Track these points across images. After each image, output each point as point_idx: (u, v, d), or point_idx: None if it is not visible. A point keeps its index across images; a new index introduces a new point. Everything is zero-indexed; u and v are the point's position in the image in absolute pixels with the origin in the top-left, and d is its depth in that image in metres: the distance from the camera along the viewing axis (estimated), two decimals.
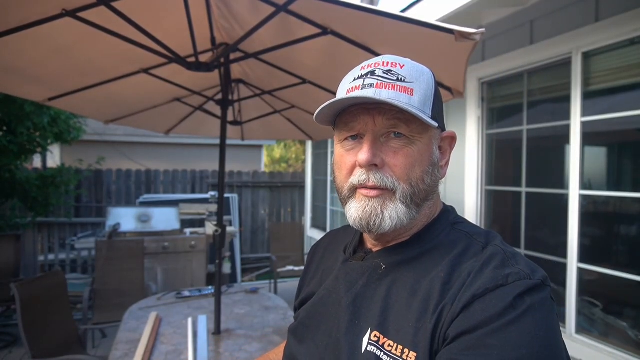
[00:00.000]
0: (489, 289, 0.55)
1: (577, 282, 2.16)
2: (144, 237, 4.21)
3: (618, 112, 2.01)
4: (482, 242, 0.64)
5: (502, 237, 0.67)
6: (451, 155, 0.72)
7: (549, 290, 0.57)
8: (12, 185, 4.48)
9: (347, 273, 0.72)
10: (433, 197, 0.70)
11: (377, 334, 0.61)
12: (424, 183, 0.66)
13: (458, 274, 0.60)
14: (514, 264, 0.59)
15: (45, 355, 2.29)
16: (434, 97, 0.66)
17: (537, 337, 0.51)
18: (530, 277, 0.56)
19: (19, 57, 1.72)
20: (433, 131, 0.67)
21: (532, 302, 0.54)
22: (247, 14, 1.74)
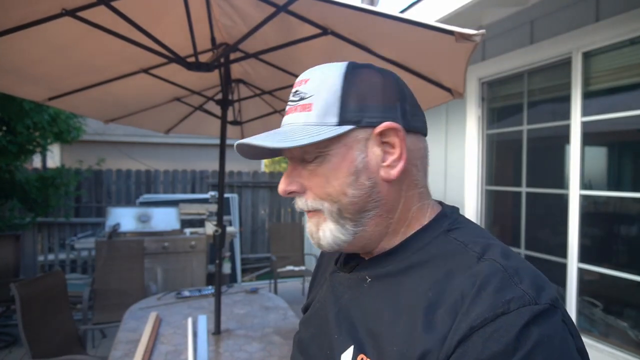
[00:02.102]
0: (488, 318, 0.47)
1: (577, 282, 2.16)
2: (143, 237, 4.21)
3: (618, 112, 2.01)
4: (477, 254, 0.54)
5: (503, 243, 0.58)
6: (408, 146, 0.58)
7: (560, 313, 0.48)
8: (11, 186, 4.48)
9: (334, 285, 0.68)
10: (380, 205, 0.59)
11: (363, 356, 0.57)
12: (346, 196, 0.58)
13: (449, 293, 0.52)
14: (516, 283, 0.49)
15: (45, 355, 2.29)
16: (343, 97, 0.57)
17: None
18: (536, 302, 0.47)
19: (19, 56, 1.72)
20: (352, 135, 0.58)
21: (541, 335, 0.45)
22: (248, 14, 1.74)
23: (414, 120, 0.60)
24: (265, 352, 1.93)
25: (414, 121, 0.60)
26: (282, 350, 1.95)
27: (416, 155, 0.61)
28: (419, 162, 0.62)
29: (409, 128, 0.59)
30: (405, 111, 0.59)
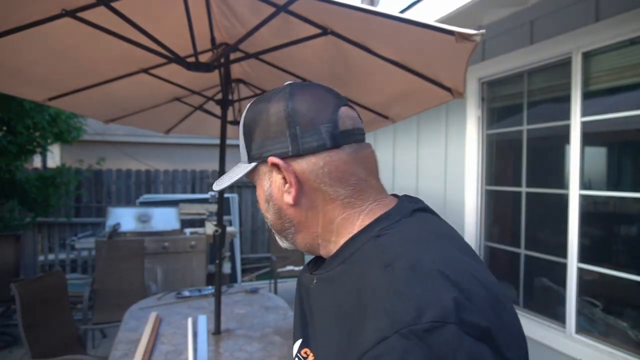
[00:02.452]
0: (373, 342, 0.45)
1: (577, 282, 2.16)
2: (144, 237, 4.22)
3: (618, 112, 2.01)
4: (384, 263, 0.52)
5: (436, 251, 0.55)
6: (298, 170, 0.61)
7: (452, 328, 0.44)
8: (12, 186, 4.48)
9: (300, 283, 0.71)
10: (295, 225, 0.65)
11: (308, 350, 0.60)
12: (267, 219, 0.68)
13: (356, 303, 0.52)
14: (402, 300, 0.46)
15: (45, 355, 2.29)
16: (245, 139, 0.65)
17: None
18: (415, 322, 0.44)
19: (19, 57, 1.72)
20: (259, 169, 0.65)
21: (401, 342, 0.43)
22: (248, 14, 1.74)
23: (306, 141, 0.61)
24: (265, 352, 1.94)
25: (306, 142, 0.61)
26: (282, 350, 1.96)
27: (318, 173, 0.61)
28: (327, 177, 0.62)
29: (300, 152, 0.61)
30: (295, 136, 0.61)
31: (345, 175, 0.63)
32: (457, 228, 2.57)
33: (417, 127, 3.56)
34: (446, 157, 3.18)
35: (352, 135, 0.65)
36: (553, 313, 2.34)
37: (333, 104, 0.63)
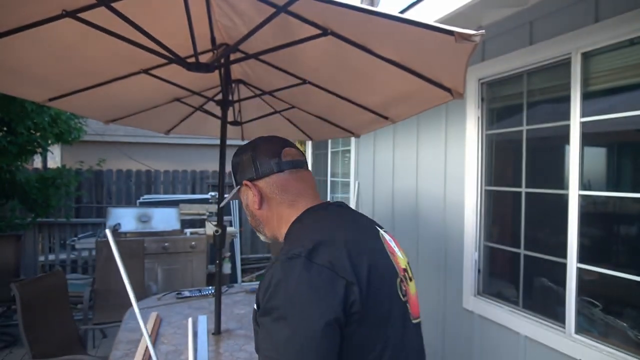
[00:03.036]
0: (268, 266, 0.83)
1: (576, 282, 2.17)
2: (144, 238, 4.22)
3: (618, 113, 2.02)
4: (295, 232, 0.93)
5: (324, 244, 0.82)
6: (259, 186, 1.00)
7: (301, 259, 0.77)
8: (12, 186, 4.49)
9: None
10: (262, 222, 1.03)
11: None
12: (249, 220, 1.07)
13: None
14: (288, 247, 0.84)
15: (45, 355, 2.29)
16: (233, 172, 1.06)
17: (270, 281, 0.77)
18: (285, 255, 0.80)
19: (19, 57, 1.72)
20: (242, 189, 1.04)
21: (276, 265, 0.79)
22: (248, 14, 1.75)
23: (263, 170, 0.99)
24: None
25: (263, 170, 0.99)
26: None
27: (272, 188, 0.99)
28: (277, 189, 0.98)
29: (260, 176, 0.99)
30: (257, 167, 0.99)
31: (287, 187, 0.98)
32: (456, 228, 2.57)
33: (416, 128, 3.56)
34: (446, 157, 3.18)
35: (292, 164, 1.00)
36: (553, 313, 2.34)
37: (280, 147, 1.02)
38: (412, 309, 0.90)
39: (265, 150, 1.01)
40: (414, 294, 0.95)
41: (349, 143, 4.94)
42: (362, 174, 4.59)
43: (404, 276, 0.92)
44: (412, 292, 0.93)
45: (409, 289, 0.91)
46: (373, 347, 0.76)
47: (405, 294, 0.87)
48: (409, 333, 0.86)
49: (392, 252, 0.94)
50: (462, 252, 2.97)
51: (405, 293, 0.88)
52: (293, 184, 0.99)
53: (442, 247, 3.20)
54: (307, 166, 1.05)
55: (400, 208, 3.84)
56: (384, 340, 0.77)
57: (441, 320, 3.20)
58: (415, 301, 0.94)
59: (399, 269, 0.91)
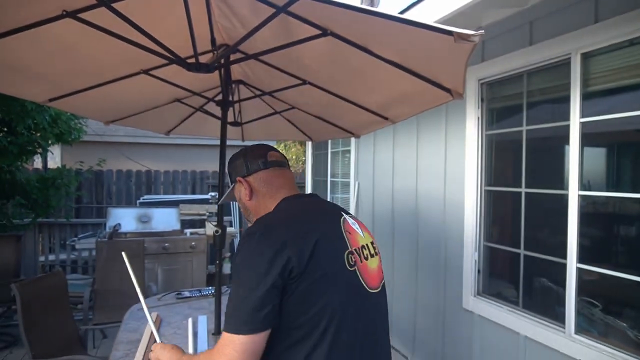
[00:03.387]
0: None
1: (576, 282, 2.17)
2: (144, 238, 4.22)
3: (617, 113, 2.02)
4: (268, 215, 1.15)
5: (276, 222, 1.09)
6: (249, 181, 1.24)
7: (257, 235, 1.01)
8: (12, 186, 4.49)
9: None
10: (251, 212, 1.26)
11: None
12: (242, 211, 1.31)
13: None
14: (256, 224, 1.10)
15: (45, 355, 2.29)
16: (229, 173, 1.31)
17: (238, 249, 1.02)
18: (247, 231, 1.04)
19: (20, 58, 1.72)
20: (236, 186, 1.27)
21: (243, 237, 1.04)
22: (248, 14, 1.75)
23: (252, 167, 1.23)
24: None
25: (252, 168, 1.23)
26: None
27: (259, 183, 1.22)
28: (262, 184, 1.22)
29: (249, 173, 1.23)
30: (248, 165, 1.24)
31: (270, 181, 1.22)
32: (456, 228, 2.58)
33: (416, 128, 3.57)
34: (446, 157, 3.19)
35: (275, 163, 1.25)
36: (552, 313, 2.34)
37: (266, 150, 1.27)
38: (367, 279, 1.09)
39: (254, 152, 1.27)
40: (374, 267, 1.14)
41: (349, 143, 4.94)
42: (362, 174, 4.59)
43: (357, 250, 1.10)
44: (371, 266, 1.13)
45: (364, 262, 1.10)
46: (315, 300, 0.96)
47: (353, 264, 1.05)
48: (360, 298, 1.05)
49: (350, 231, 1.13)
50: (461, 252, 2.97)
51: (354, 263, 1.06)
52: (275, 179, 1.23)
53: (442, 247, 3.20)
54: (288, 166, 1.30)
55: (400, 208, 3.84)
56: (325, 297, 0.97)
57: (441, 320, 3.20)
58: (373, 273, 1.12)
59: (351, 244, 1.09)
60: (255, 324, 0.91)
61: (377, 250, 1.19)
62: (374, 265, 1.13)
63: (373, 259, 1.15)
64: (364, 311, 1.05)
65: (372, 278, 1.10)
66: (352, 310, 1.01)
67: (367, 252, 1.13)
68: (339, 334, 0.97)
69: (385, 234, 4.05)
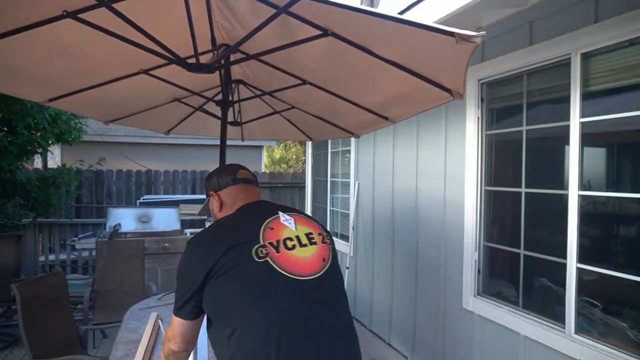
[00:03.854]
0: None
1: (576, 282, 2.17)
2: (144, 238, 4.22)
3: (617, 113, 2.02)
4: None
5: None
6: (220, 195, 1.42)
7: (188, 247, 1.23)
8: (12, 186, 4.49)
9: None
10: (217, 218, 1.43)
11: None
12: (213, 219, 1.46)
13: None
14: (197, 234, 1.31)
15: (45, 355, 2.29)
16: (205, 190, 1.48)
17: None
18: (188, 241, 1.26)
19: (20, 58, 1.72)
20: (210, 199, 1.43)
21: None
22: (248, 15, 1.75)
23: (222, 183, 1.41)
24: None
25: (222, 184, 1.41)
26: None
27: (227, 196, 1.40)
28: (229, 197, 1.40)
29: (221, 188, 1.41)
30: (219, 183, 1.42)
31: (235, 195, 1.40)
32: (456, 228, 2.58)
33: (416, 128, 3.57)
34: (446, 157, 3.19)
35: (242, 180, 1.43)
36: (552, 313, 2.35)
37: (236, 169, 1.46)
38: (289, 266, 1.17)
39: (226, 171, 1.46)
40: (305, 255, 1.23)
41: (349, 143, 4.94)
42: (362, 174, 4.59)
43: (272, 243, 1.20)
44: (301, 254, 1.22)
45: (283, 252, 1.19)
46: (223, 292, 1.15)
47: (263, 256, 1.16)
48: (277, 284, 1.14)
49: (273, 227, 1.24)
50: (461, 252, 2.97)
51: (265, 255, 1.16)
52: (240, 193, 1.39)
53: (442, 247, 3.20)
54: (256, 184, 1.47)
55: (400, 208, 3.84)
56: (229, 289, 1.14)
57: (441, 320, 3.20)
58: (303, 261, 1.21)
59: (265, 239, 1.20)
60: (181, 314, 1.22)
61: (315, 240, 1.28)
62: (305, 254, 1.23)
63: (305, 248, 1.24)
64: (287, 295, 1.15)
65: (299, 265, 1.19)
66: (265, 296, 1.14)
67: (293, 242, 1.23)
68: (250, 319, 1.11)
69: (386, 233, 4.05)
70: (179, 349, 1.26)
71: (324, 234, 1.33)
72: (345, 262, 4.73)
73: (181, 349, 1.26)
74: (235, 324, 1.12)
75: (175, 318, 1.24)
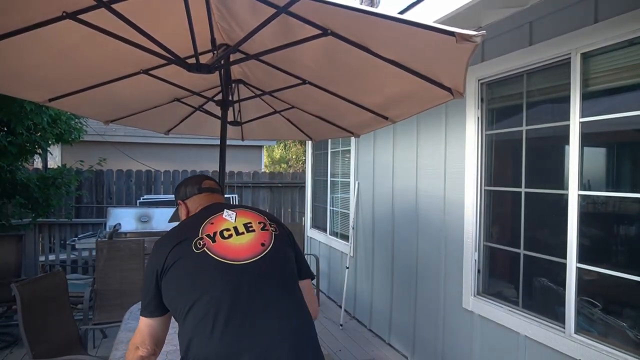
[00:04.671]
0: None
1: (576, 282, 2.17)
2: (144, 238, 4.22)
3: (617, 113, 2.02)
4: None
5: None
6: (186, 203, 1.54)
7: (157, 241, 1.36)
8: (13, 186, 4.48)
9: None
10: None
11: None
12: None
13: None
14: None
15: (45, 355, 2.29)
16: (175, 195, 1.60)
17: None
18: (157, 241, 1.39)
19: (20, 58, 1.72)
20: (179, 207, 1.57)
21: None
22: (248, 15, 1.75)
23: (188, 193, 1.54)
24: None
25: (188, 194, 1.54)
26: None
27: (193, 204, 1.51)
28: (194, 205, 1.51)
29: (187, 197, 1.54)
30: (186, 192, 1.54)
31: (199, 202, 1.51)
32: (456, 228, 2.59)
33: (416, 128, 3.57)
34: (445, 157, 3.19)
35: (207, 189, 1.55)
36: (552, 313, 2.35)
37: (202, 180, 1.58)
38: (226, 253, 1.28)
39: (193, 181, 1.58)
40: (242, 242, 1.32)
41: (349, 143, 4.94)
42: (362, 174, 4.60)
43: (209, 235, 1.31)
44: (238, 242, 1.32)
45: (220, 242, 1.30)
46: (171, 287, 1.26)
47: (200, 247, 1.28)
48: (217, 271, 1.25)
49: (214, 222, 1.36)
50: (461, 252, 2.97)
51: (202, 246, 1.28)
52: (202, 201, 1.51)
53: (442, 247, 3.20)
54: (220, 192, 1.61)
55: (400, 208, 3.84)
56: (174, 282, 1.25)
57: (441, 320, 3.20)
58: (240, 247, 1.31)
59: (203, 232, 1.32)
60: (147, 313, 1.30)
61: (253, 228, 1.38)
62: (241, 241, 1.33)
63: (242, 236, 1.34)
64: (223, 279, 1.24)
65: (234, 251, 1.29)
66: (204, 282, 1.24)
67: (230, 232, 1.34)
68: (195, 304, 1.20)
69: (385, 233, 4.05)
70: (148, 353, 1.29)
71: (266, 222, 1.42)
72: (345, 262, 4.73)
73: (150, 352, 1.30)
74: (183, 311, 1.21)
75: (142, 320, 1.31)
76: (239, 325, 1.17)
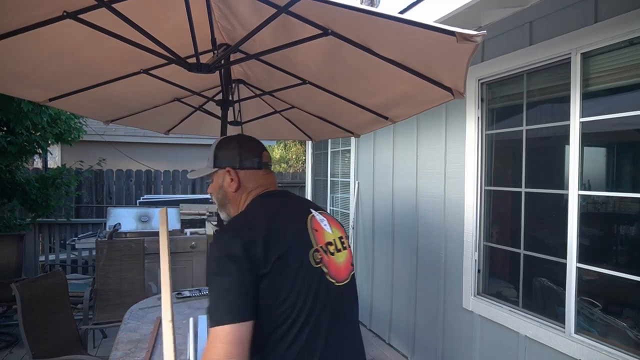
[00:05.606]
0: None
1: (576, 282, 2.17)
2: (144, 238, 4.22)
3: (617, 113, 2.02)
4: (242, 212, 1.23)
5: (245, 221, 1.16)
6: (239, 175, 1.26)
7: (225, 235, 1.09)
8: (12, 186, 4.48)
9: None
10: (230, 202, 1.28)
11: None
12: (217, 198, 1.31)
13: None
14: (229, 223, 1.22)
15: (46, 355, 2.30)
16: (213, 157, 1.28)
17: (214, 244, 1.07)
18: (218, 231, 1.33)
19: (20, 58, 1.72)
20: (218, 172, 1.28)
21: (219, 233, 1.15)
22: (248, 15, 1.75)
23: (245, 163, 1.26)
24: None
25: (245, 163, 1.26)
26: None
27: (247, 178, 1.26)
28: (251, 181, 1.26)
29: (242, 168, 1.26)
30: (241, 158, 1.26)
31: (256, 180, 1.27)
32: (456, 228, 2.58)
33: (416, 128, 3.57)
34: (446, 157, 3.19)
35: (266, 165, 1.30)
36: (552, 313, 2.35)
37: (261, 149, 1.30)
38: (334, 273, 1.15)
39: (250, 148, 1.29)
40: (341, 261, 1.20)
41: (349, 143, 4.94)
42: (362, 174, 4.60)
43: (322, 247, 1.15)
44: (339, 260, 1.19)
45: (330, 258, 1.16)
46: (279, 292, 1.03)
47: (319, 261, 1.12)
48: (327, 291, 1.11)
49: (317, 229, 1.18)
50: (461, 252, 2.97)
51: (320, 260, 1.12)
52: (262, 180, 1.28)
53: (442, 247, 3.20)
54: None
55: (400, 208, 3.84)
56: (291, 294, 1.04)
57: (441, 320, 3.20)
58: (341, 267, 1.18)
59: (317, 242, 1.15)
60: (235, 314, 0.97)
61: (345, 245, 1.25)
62: (341, 259, 1.19)
63: (340, 254, 1.20)
64: (331, 303, 1.12)
65: (339, 272, 1.16)
66: (319, 304, 1.08)
67: (333, 247, 1.18)
68: (306, 327, 1.05)
69: (386, 233, 4.05)
70: None
71: (344, 235, 1.29)
72: None
73: None
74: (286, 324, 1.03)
75: (226, 330, 0.94)
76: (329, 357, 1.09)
